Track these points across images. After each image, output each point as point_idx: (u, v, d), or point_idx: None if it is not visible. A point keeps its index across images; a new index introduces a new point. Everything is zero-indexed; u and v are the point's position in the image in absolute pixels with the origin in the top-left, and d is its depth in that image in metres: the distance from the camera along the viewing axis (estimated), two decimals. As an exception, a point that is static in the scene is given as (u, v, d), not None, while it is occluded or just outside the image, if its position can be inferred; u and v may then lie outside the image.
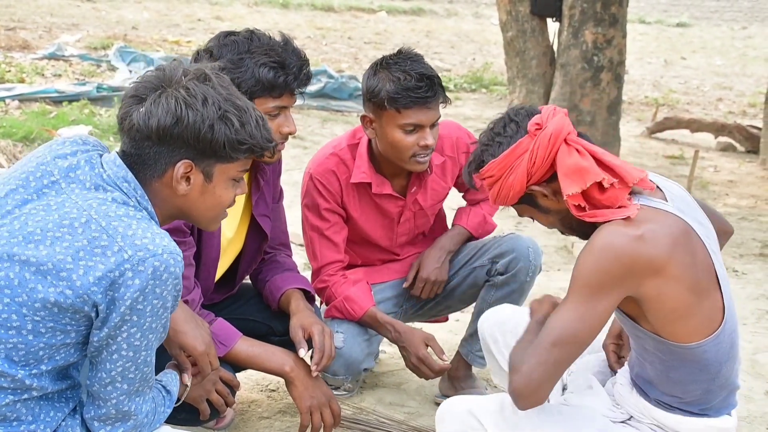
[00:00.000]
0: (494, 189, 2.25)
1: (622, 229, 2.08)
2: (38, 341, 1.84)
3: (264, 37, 2.59)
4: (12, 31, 12.14)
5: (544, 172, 2.19)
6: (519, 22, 7.38)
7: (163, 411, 2.07)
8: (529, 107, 2.29)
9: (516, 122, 2.21)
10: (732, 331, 2.19)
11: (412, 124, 2.89)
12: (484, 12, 21.84)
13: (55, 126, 6.96)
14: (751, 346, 3.98)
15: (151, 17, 15.62)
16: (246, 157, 2.00)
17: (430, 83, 2.87)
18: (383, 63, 2.93)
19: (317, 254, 3.13)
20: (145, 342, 1.87)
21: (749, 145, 9.25)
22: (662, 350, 2.17)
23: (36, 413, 1.89)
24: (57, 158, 1.94)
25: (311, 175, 3.08)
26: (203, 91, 1.92)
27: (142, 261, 1.81)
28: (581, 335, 2.08)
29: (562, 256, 5.41)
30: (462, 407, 2.27)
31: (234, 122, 1.93)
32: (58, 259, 1.80)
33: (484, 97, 11.54)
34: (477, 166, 2.26)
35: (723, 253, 2.20)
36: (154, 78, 1.95)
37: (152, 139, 1.92)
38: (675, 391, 2.21)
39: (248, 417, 3.09)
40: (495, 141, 2.22)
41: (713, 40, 20.52)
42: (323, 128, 8.56)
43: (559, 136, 2.17)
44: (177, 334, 2.25)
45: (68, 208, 1.86)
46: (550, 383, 2.10)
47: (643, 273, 2.06)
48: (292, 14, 18.18)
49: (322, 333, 2.69)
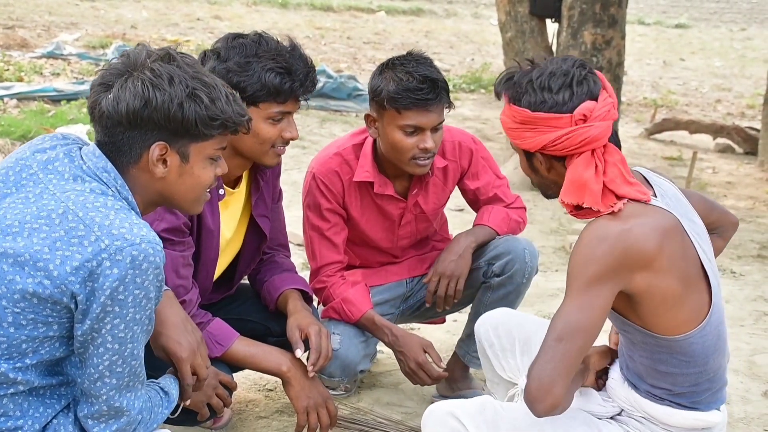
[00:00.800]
0: (508, 121, 2.20)
1: (611, 223, 2.08)
2: (19, 334, 1.83)
3: (272, 41, 2.58)
4: (10, 29, 12.13)
5: (557, 155, 2.17)
6: (518, 22, 7.38)
7: (161, 411, 2.06)
8: (594, 76, 2.18)
9: (572, 91, 2.12)
10: (718, 323, 2.19)
11: (411, 125, 2.88)
12: (483, 12, 21.85)
13: (53, 125, 6.95)
14: (749, 347, 3.98)
15: (150, 16, 15.62)
16: (220, 134, 1.99)
17: (433, 86, 2.85)
18: (390, 63, 2.93)
19: (317, 254, 3.12)
20: (131, 334, 1.85)
21: (747, 146, 9.26)
22: (650, 343, 2.18)
23: (24, 409, 1.88)
24: (36, 152, 1.95)
25: (314, 174, 3.08)
26: (169, 71, 1.92)
27: (119, 250, 1.79)
28: (583, 325, 2.06)
29: (559, 257, 5.41)
30: (443, 410, 2.25)
31: (203, 99, 1.92)
32: (35, 250, 1.80)
33: (482, 97, 11.54)
34: (512, 96, 2.18)
35: (720, 254, 2.20)
36: (120, 64, 1.95)
37: (123, 125, 1.91)
38: (664, 383, 2.21)
39: (246, 416, 3.09)
40: (542, 94, 2.13)
41: (712, 41, 20.54)
42: (322, 128, 8.56)
43: (591, 144, 2.12)
44: (161, 336, 2.21)
45: (46, 200, 1.86)
46: (562, 381, 2.05)
47: (634, 265, 2.06)
48: (291, 14, 18.19)
49: (318, 333, 2.69)
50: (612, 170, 2.13)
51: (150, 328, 1.92)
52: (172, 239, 2.55)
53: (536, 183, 2.30)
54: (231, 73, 2.49)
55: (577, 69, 2.16)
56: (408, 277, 3.32)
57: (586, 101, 2.12)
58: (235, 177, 2.75)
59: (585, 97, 2.13)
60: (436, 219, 3.28)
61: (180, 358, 2.19)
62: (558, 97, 2.13)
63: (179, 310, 2.29)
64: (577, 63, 2.18)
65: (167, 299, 2.27)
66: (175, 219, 2.55)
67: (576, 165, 2.13)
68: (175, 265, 2.55)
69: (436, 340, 3.82)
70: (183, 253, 2.58)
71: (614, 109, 2.17)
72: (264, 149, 2.61)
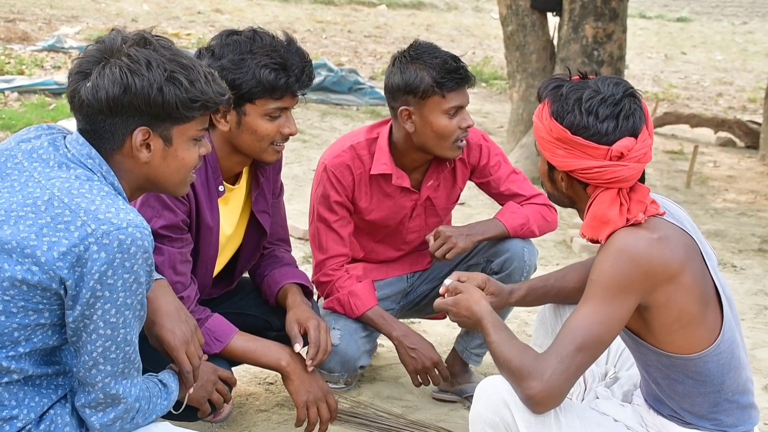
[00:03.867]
0: (543, 132, 2.15)
1: (640, 232, 2.08)
2: (10, 322, 1.83)
3: (267, 36, 2.57)
4: (11, 22, 12.12)
5: (583, 181, 2.15)
6: (519, 16, 7.36)
7: (160, 403, 2.05)
8: (641, 110, 2.12)
9: (616, 124, 2.08)
10: (731, 342, 2.18)
11: (455, 107, 2.92)
12: (484, 6, 21.80)
13: (54, 118, 6.95)
14: (749, 341, 3.98)
15: (150, 9, 15.59)
16: (201, 115, 1.98)
17: (464, 65, 2.95)
18: (408, 56, 2.94)
19: (323, 245, 3.11)
20: (122, 319, 1.85)
21: (749, 140, 9.24)
22: (665, 364, 2.17)
23: (20, 398, 1.88)
24: (21, 142, 1.95)
25: (326, 166, 3.08)
26: (145, 55, 1.91)
27: (106, 234, 1.80)
28: (604, 338, 2.08)
29: (560, 251, 5.41)
30: (500, 395, 2.16)
31: (182, 81, 1.92)
32: (22, 237, 1.81)
33: (483, 91, 11.52)
34: (555, 111, 2.12)
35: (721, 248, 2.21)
36: (96, 51, 1.94)
37: (104, 113, 1.91)
38: (684, 404, 2.20)
39: (246, 410, 3.09)
40: (587, 119, 2.09)
41: (714, 35, 20.49)
42: (323, 122, 8.55)
43: (620, 183, 2.10)
44: (154, 326, 2.21)
45: (31, 187, 1.86)
46: (570, 388, 2.09)
47: (657, 277, 2.06)
48: (292, 7, 18.15)
49: (317, 328, 2.69)
50: (636, 207, 2.11)
51: (143, 313, 1.92)
52: (170, 236, 2.55)
53: (548, 191, 2.29)
54: (225, 71, 2.47)
55: (627, 99, 2.12)
56: (409, 272, 3.32)
57: (626, 137, 2.09)
58: (235, 173, 2.75)
59: (627, 133, 2.10)
60: (446, 217, 3.28)
61: (173, 346, 2.19)
62: (602, 126, 2.09)
63: (173, 299, 2.29)
64: (629, 92, 2.14)
65: (161, 288, 2.26)
66: (173, 216, 2.55)
67: (601, 200, 2.12)
68: (173, 262, 2.55)
69: (437, 334, 3.82)
70: (181, 250, 2.58)
71: (650, 151, 2.13)
72: (263, 146, 2.60)
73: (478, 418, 2.18)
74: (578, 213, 2.26)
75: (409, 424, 3.03)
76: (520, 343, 2.18)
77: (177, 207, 2.56)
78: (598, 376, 2.55)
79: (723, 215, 6.60)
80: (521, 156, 6.76)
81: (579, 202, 2.22)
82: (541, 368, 2.06)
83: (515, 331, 3.93)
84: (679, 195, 7.02)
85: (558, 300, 2.60)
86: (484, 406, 2.18)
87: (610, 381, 2.52)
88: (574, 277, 2.55)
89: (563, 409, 2.15)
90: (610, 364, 2.59)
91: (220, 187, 2.67)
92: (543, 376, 2.05)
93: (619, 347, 2.57)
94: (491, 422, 2.15)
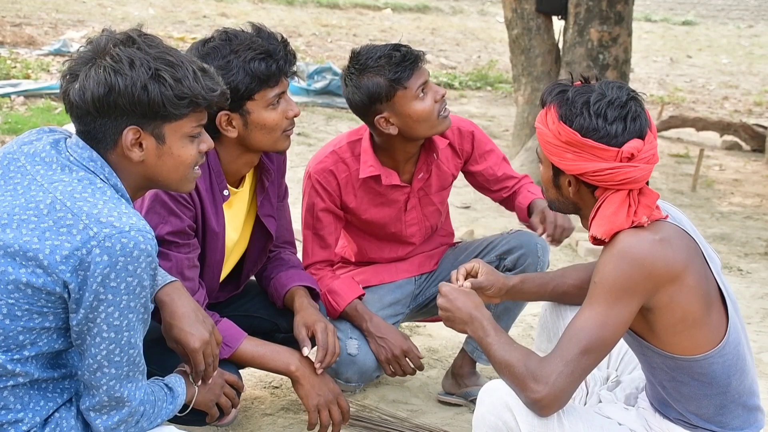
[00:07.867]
0: (550, 137, 2.15)
1: (642, 234, 2.09)
2: (15, 325, 1.84)
3: (240, 33, 2.60)
4: (18, 27, 12.15)
5: (592, 184, 2.16)
6: (524, 19, 7.36)
7: (165, 407, 2.06)
8: (644, 113, 2.14)
9: (625, 126, 2.10)
10: (737, 344, 2.18)
11: (420, 87, 2.92)
12: (489, 9, 21.80)
13: (60, 122, 6.97)
14: (755, 345, 3.97)
15: (156, 14, 15.63)
16: (192, 111, 1.98)
17: (406, 49, 2.94)
18: (355, 70, 2.94)
19: (308, 252, 3.15)
20: (126, 322, 1.86)
21: (755, 143, 9.22)
22: (670, 366, 2.17)
23: (25, 402, 1.89)
24: (23, 145, 1.96)
25: (309, 174, 3.10)
26: (129, 54, 1.91)
27: (108, 237, 1.80)
28: (608, 341, 2.08)
29: (566, 254, 5.40)
30: (502, 398, 2.17)
31: (167, 79, 1.91)
32: (25, 241, 1.81)
33: (489, 94, 11.52)
34: (563, 114, 2.13)
35: (727, 252, 2.21)
36: (85, 52, 1.95)
37: (92, 114, 1.92)
38: (690, 407, 2.20)
39: (251, 414, 3.09)
40: (596, 121, 2.09)
41: (719, 38, 20.47)
42: (328, 125, 8.56)
43: (631, 185, 2.11)
44: (173, 328, 2.23)
45: (34, 191, 1.87)
46: (575, 391, 2.10)
47: (660, 278, 2.06)
48: (297, 11, 18.17)
49: (325, 330, 2.69)
50: (643, 211, 2.12)
51: (146, 317, 1.92)
52: (177, 242, 2.56)
53: (551, 198, 2.28)
54: None
55: (632, 102, 2.14)
56: (417, 274, 3.33)
57: (635, 139, 2.11)
58: (240, 177, 2.75)
59: (635, 134, 2.11)
60: (441, 204, 3.28)
61: (192, 348, 2.20)
62: (611, 128, 2.10)
63: (188, 300, 2.29)
64: (632, 95, 2.15)
65: (176, 291, 2.27)
66: (179, 222, 2.55)
67: (611, 202, 2.12)
68: (181, 268, 2.56)
69: (443, 338, 3.82)
70: (188, 255, 2.59)
71: (656, 152, 2.15)
72: (275, 136, 2.63)
73: (481, 422, 2.19)
74: (581, 220, 2.26)
75: (414, 427, 3.03)
76: (522, 347, 2.19)
77: (183, 213, 2.57)
78: (599, 380, 2.55)
79: (729, 219, 6.59)
80: (526, 159, 6.76)
81: (584, 207, 2.22)
82: (547, 372, 2.06)
83: (520, 335, 3.93)
84: (684, 198, 7.01)
85: (556, 295, 2.60)
86: (487, 410, 2.18)
87: (612, 385, 2.52)
88: (574, 275, 2.57)
89: (566, 412, 2.15)
90: (612, 368, 2.60)
91: (225, 192, 2.68)
92: (549, 379, 2.05)
93: (621, 351, 2.58)
94: (494, 426, 2.16)
